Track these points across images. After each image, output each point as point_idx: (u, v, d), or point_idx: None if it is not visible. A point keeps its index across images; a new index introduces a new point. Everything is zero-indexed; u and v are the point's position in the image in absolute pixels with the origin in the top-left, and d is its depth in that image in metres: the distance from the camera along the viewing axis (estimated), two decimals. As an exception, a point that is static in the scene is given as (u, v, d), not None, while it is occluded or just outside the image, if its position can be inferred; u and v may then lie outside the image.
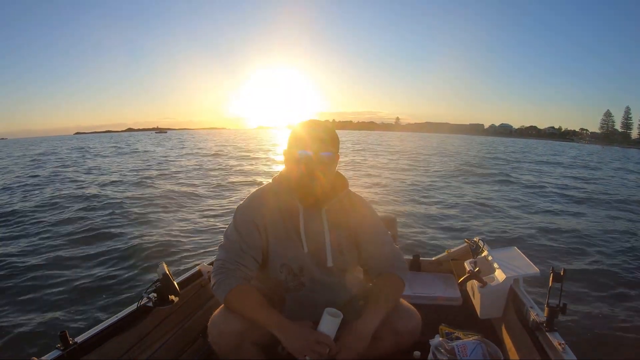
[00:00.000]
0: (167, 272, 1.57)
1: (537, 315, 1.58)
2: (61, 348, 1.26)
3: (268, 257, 1.41)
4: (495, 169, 17.39)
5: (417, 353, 1.51)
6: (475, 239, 2.40)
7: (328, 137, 1.31)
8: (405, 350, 1.47)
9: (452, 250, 2.59)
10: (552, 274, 1.49)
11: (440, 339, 1.52)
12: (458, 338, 1.57)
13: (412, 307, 1.46)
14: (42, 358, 1.20)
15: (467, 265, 2.14)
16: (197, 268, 1.96)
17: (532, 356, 1.49)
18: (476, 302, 1.99)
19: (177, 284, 1.64)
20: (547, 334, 1.44)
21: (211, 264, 2.02)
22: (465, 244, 2.50)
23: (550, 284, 1.49)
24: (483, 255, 2.17)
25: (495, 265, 2.00)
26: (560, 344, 1.35)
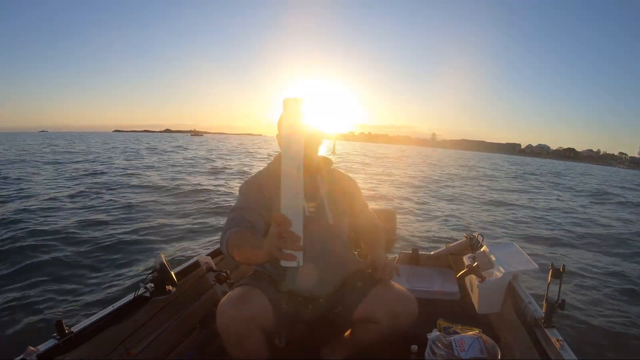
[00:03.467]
0: (165, 263, 1.56)
1: (536, 311, 1.58)
2: (57, 337, 1.25)
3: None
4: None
5: (414, 347, 1.50)
6: (474, 234, 2.39)
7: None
8: (402, 339, 1.47)
9: (451, 245, 2.59)
10: (551, 270, 1.49)
11: (438, 333, 1.51)
12: (456, 332, 1.56)
13: (408, 292, 1.49)
14: (38, 347, 1.19)
15: (466, 260, 2.14)
16: (195, 259, 1.95)
17: (530, 353, 1.49)
18: (474, 297, 1.99)
19: (175, 274, 1.63)
20: (545, 330, 1.44)
21: (209, 254, 2.01)
22: (465, 239, 2.50)
23: (549, 280, 1.49)
24: (482, 250, 2.17)
25: (494, 260, 1.99)
26: (558, 341, 1.34)
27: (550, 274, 1.49)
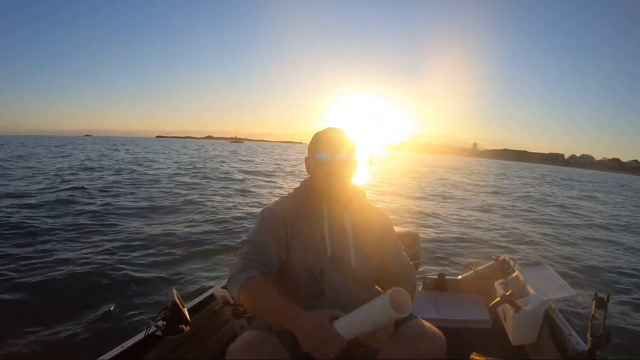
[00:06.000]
0: (177, 300, 1.48)
1: (577, 343, 1.47)
2: None
3: (290, 260, 1.36)
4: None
5: None
6: (504, 257, 2.25)
7: (343, 141, 1.37)
8: None
9: (479, 268, 2.45)
10: (595, 301, 1.37)
11: (473, 371, 1.40)
12: (492, 369, 1.44)
13: (437, 330, 1.33)
14: None
15: (498, 287, 2.01)
16: (210, 292, 1.87)
17: None
18: (508, 326, 1.85)
19: (189, 308, 1.55)
20: None
21: (224, 287, 1.92)
22: (493, 261, 2.36)
23: (592, 312, 1.37)
24: (514, 275, 2.03)
25: (528, 287, 1.86)
26: None
27: (593, 304, 1.37)
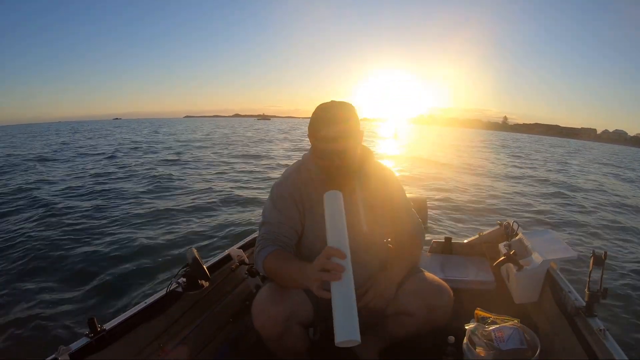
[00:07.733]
0: (197, 257, 1.57)
1: (576, 300, 1.53)
2: (90, 335, 1.25)
3: (305, 230, 1.41)
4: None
5: (451, 338, 1.47)
6: (508, 222, 2.32)
7: (343, 123, 1.26)
8: (439, 330, 1.42)
9: (485, 233, 2.51)
10: (592, 258, 1.44)
11: (476, 323, 1.48)
12: (494, 323, 1.52)
13: (443, 282, 1.43)
14: (70, 346, 1.19)
15: (502, 248, 2.07)
16: (227, 252, 1.96)
17: (571, 342, 1.44)
18: (511, 286, 1.93)
19: (207, 268, 1.64)
20: (586, 319, 1.39)
21: (241, 247, 2.02)
22: (498, 226, 2.43)
23: (590, 268, 1.44)
24: (517, 238, 2.10)
25: (531, 248, 1.93)
26: (600, 330, 1.30)
27: (591, 261, 1.44)
